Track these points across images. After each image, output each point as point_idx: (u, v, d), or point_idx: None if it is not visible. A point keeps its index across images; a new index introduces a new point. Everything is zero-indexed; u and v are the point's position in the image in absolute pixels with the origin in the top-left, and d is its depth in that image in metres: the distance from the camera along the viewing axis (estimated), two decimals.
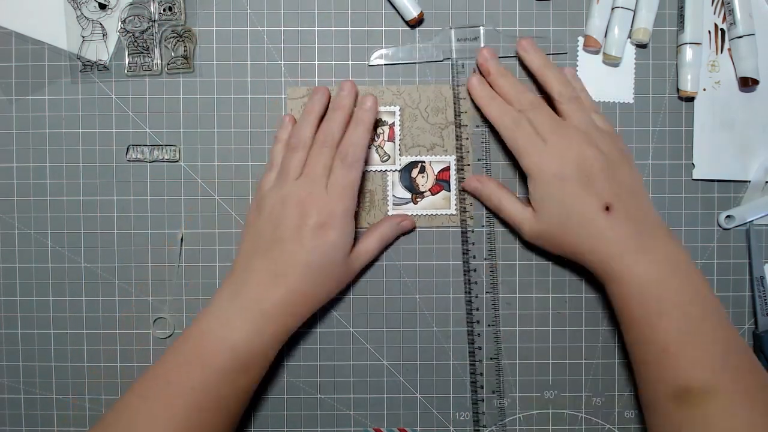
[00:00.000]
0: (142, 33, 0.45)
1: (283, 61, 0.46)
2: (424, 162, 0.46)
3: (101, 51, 0.46)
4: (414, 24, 0.46)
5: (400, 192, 0.47)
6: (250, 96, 0.46)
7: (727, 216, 0.46)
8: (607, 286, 0.42)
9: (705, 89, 0.46)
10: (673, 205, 0.47)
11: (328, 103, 0.44)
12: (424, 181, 0.47)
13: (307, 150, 0.42)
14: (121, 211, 0.46)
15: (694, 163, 0.46)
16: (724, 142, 0.46)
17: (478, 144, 0.46)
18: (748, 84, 0.45)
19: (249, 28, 0.46)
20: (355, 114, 0.43)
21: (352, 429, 0.47)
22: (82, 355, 0.47)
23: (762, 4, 0.45)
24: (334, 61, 0.46)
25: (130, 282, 0.47)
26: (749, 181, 0.46)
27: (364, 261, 0.44)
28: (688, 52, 0.45)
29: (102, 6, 0.45)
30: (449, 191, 0.46)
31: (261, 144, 0.46)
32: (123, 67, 0.46)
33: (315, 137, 0.42)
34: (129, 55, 0.46)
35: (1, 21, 0.45)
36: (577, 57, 0.46)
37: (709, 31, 0.46)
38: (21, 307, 0.47)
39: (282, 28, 0.46)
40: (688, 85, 0.45)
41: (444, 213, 0.47)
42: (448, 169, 0.46)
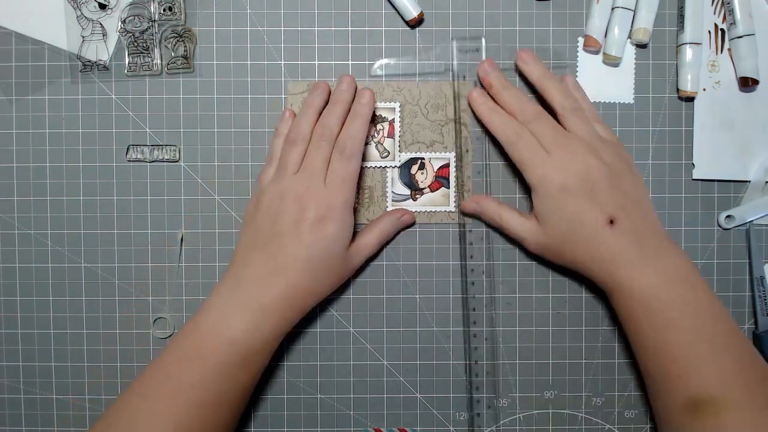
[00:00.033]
0: (142, 33, 0.45)
1: (283, 61, 0.46)
2: (423, 159, 0.46)
3: (101, 51, 0.46)
4: (414, 24, 0.46)
5: (400, 188, 0.47)
6: (250, 96, 0.46)
7: (727, 216, 0.46)
8: (611, 297, 0.42)
9: (705, 89, 0.46)
10: (673, 205, 0.47)
11: (328, 98, 0.44)
12: (424, 178, 0.47)
13: (306, 144, 0.42)
14: (121, 211, 0.46)
15: (694, 163, 0.46)
16: (724, 142, 0.46)
17: (478, 143, 0.46)
18: (748, 84, 0.45)
19: (249, 28, 0.46)
20: (353, 108, 0.43)
21: (352, 429, 0.47)
22: (82, 355, 0.47)
23: (762, 4, 0.45)
24: (334, 61, 0.46)
25: (130, 282, 0.47)
26: (749, 181, 0.46)
27: (365, 256, 0.44)
28: (688, 52, 0.45)
29: (102, 6, 0.45)
30: (448, 188, 0.46)
31: (261, 144, 0.46)
32: (123, 67, 0.46)
33: (314, 131, 0.42)
34: (129, 55, 0.46)
35: (1, 21, 0.46)
36: (577, 57, 0.46)
37: (709, 31, 0.46)
38: (21, 307, 0.47)
39: (282, 28, 0.46)
40: (688, 85, 0.45)
41: (443, 210, 0.46)
42: (447, 166, 0.46)
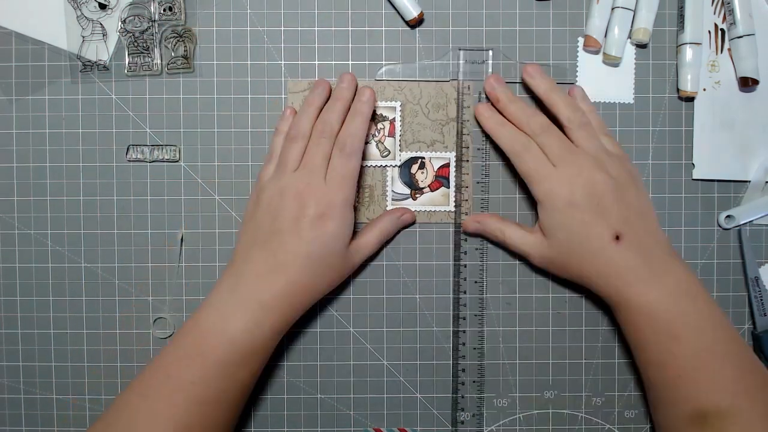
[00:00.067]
0: (142, 33, 0.45)
1: (283, 61, 0.46)
2: (424, 158, 0.46)
3: (101, 51, 0.46)
4: (414, 24, 0.46)
5: (400, 188, 0.47)
6: (250, 96, 0.46)
7: (727, 216, 0.46)
8: (617, 312, 0.42)
9: (705, 89, 0.46)
10: (673, 205, 0.47)
11: (328, 96, 0.44)
12: (424, 177, 0.47)
13: (306, 141, 0.42)
14: (121, 211, 0.46)
15: (694, 163, 0.46)
16: (724, 142, 0.46)
17: (479, 143, 0.46)
18: (748, 84, 0.45)
19: (249, 28, 0.46)
20: (353, 106, 0.43)
21: (352, 429, 0.47)
22: (82, 355, 0.47)
23: (762, 4, 0.45)
24: (334, 61, 0.46)
25: (130, 282, 0.47)
26: (749, 181, 0.46)
27: (365, 254, 0.44)
28: (688, 52, 0.45)
29: (102, 6, 0.45)
30: (448, 188, 0.46)
31: (261, 144, 0.46)
32: (123, 67, 0.46)
33: (314, 127, 0.42)
34: (129, 55, 0.46)
35: (1, 21, 0.46)
36: (577, 57, 0.46)
37: (709, 31, 0.46)
38: (21, 307, 0.47)
39: (282, 28, 0.46)
40: (688, 85, 0.45)
41: (443, 209, 0.46)
42: (447, 165, 0.46)
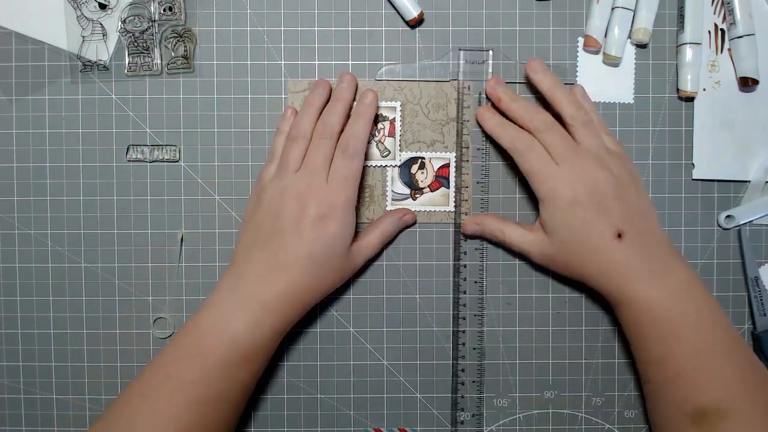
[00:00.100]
0: (142, 33, 0.45)
1: (283, 61, 0.46)
2: (424, 158, 0.46)
3: (101, 51, 0.46)
4: (414, 24, 0.46)
5: (400, 188, 0.47)
6: (250, 96, 0.46)
7: (727, 216, 0.46)
8: (617, 310, 0.42)
9: (705, 89, 0.46)
10: (673, 205, 0.47)
11: (329, 96, 0.44)
12: (424, 178, 0.47)
13: (307, 141, 0.42)
14: (121, 211, 0.46)
15: (694, 163, 0.46)
16: (724, 142, 0.46)
17: (479, 143, 0.46)
18: (748, 84, 0.45)
19: (249, 28, 0.46)
20: (356, 108, 0.43)
21: (352, 429, 0.47)
22: (82, 355, 0.47)
23: (762, 4, 0.45)
24: (334, 61, 0.46)
25: (130, 282, 0.47)
26: (749, 181, 0.46)
27: (366, 255, 0.44)
28: (688, 52, 0.45)
29: (102, 6, 0.45)
30: (448, 188, 0.46)
31: (261, 144, 0.46)
32: (123, 67, 0.46)
33: (315, 128, 0.42)
34: (129, 55, 0.46)
35: (1, 21, 0.46)
36: (577, 57, 0.46)
37: (709, 31, 0.46)
38: (21, 307, 0.47)
39: (282, 28, 0.46)
40: (688, 85, 0.45)
41: (442, 210, 0.46)
42: (447, 165, 0.46)
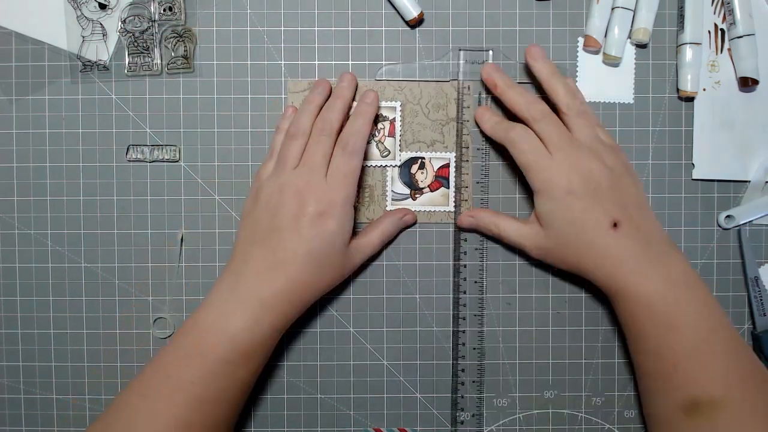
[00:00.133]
0: (142, 33, 0.45)
1: (283, 61, 0.46)
2: (423, 158, 0.46)
3: (101, 51, 0.46)
4: (414, 24, 0.46)
5: (399, 188, 0.47)
6: (250, 96, 0.46)
7: (727, 216, 0.46)
8: (614, 301, 0.42)
9: (705, 89, 0.46)
10: (673, 205, 0.47)
11: (329, 96, 0.44)
12: (424, 178, 0.47)
13: (306, 138, 0.42)
14: (121, 211, 0.46)
15: (694, 163, 0.46)
16: (724, 142, 0.46)
17: (479, 143, 0.46)
18: (748, 84, 0.45)
19: (249, 28, 0.46)
20: (357, 107, 0.43)
21: (352, 429, 0.47)
22: (82, 355, 0.47)
23: (762, 4, 0.45)
24: (334, 61, 0.46)
25: (130, 282, 0.47)
26: (749, 181, 0.46)
27: (366, 254, 0.44)
28: (688, 52, 0.45)
29: (102, 6, 0.45)
30: (448, 188, 0.46)
31: (261, 144, 0.46)
32: (123, 67, 0.46)
33: (314, 125, 0.42)
34: (129, 55, 0.46)
35: (1, 21, 0.46)
36: (577, 57, 0.46)
37: (709, 31, 0.46)
38: (21, 307, 0.47)
39: (282, 28, 0.46)
40: (688, 85, 0.45)
41: (442, 210, 0.46)
42: (447, 166, 0.46)
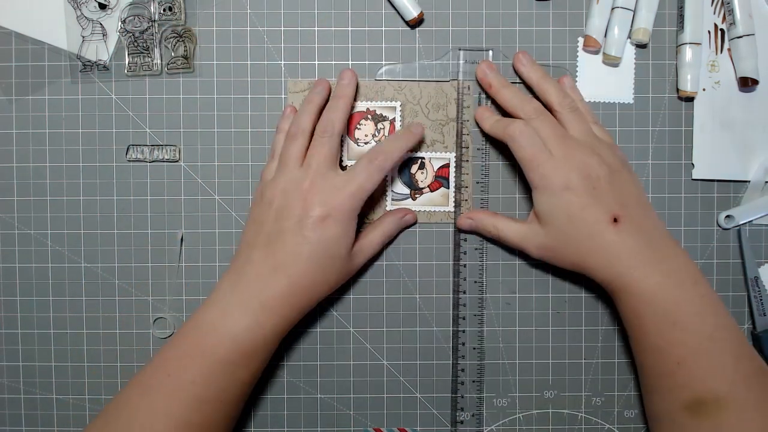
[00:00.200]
0: (142, 33, 0.45)
1: (283, 61, 0.46)
2: (423, 158, 0.46)
3: (101, 51, 0.46)
4: (414, 24, 0.46)
5: (400, 188, 0.47)
6: (250, 96, 0.46)
7: (727, 216, 0.46)
8: (616, 298, 0.41)
9: (705, 89, 0.46)
10: (673, 205, 0.47)
11: (329, 96, 0.44)
12: (424, 178, 0.47)
13: (306, 138, 0.42)
14: (121, 211, 0.46)
15: (693, 163, 0.46)
16: (724, 142, 0.46)
17: (479, 143, 0.46)
18: (747, 84, 0.45)
19: (249, 28, 0.46)
20: (405, 129, 0.44)
21: (352, 429, 0.47)
22: (82, 355, 0.47)
23: (762, 4, 0.45)
24: (334, 61, 0.46)
25: (130, 282, 0.47)
26: (749, 181, 0.46)
27: (368, 255, 0.44)
28: (688, 52, 0.45)
29: (102, 6, 0.45)
30: (448, 188, 0.46)
31: (261, 144, 0.46)
32: (123, 67, 0.46)
33: (317, 126, 0.42)
34: (129, 55, 0.46)
35: (1, 21, 0.46)
36: (577, 57, 0.46)
37: (708, 31, 0.46)
38: (21, 307, 0.47)
39: (282, 28, 0.46)
40: (687, 85, 0.45)
41: (442, 210, 0.46)
42: (447, 166, 0.46)
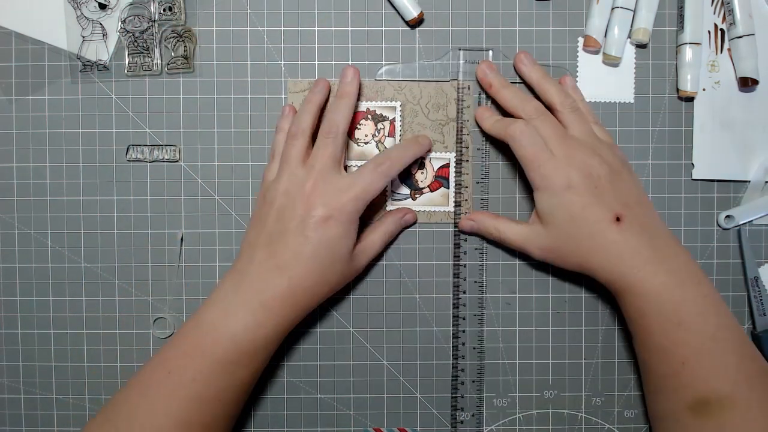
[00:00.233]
0: (142, 33, 0.45)
1: (283, 61, 0.46)
2: (423, 158, 0.46)
3: (101, 51, 0.46)
4: (414, 24, 0.46)
5: (400, 188, 0.47)
6: (250, 96, 0.46)
7: (727, 216, 0.46)
8: (620, 298, 0.41)
9: (705, 89, 0.46)
10: (673, 205, 0.47)
11: (328, 95, 0.44)
12: (423, 178, 0.47)
13: (306, 137, 0.42)
14: (121, 211, 0.46)
15: (693, 163, 0.46)
16: (724, 142, 0.46)
17: (479, 143, 0.46)
18: (747, 84, 0.45)
19: (249, 28, 0.46)
20: (413, 139, 0.44)
21: (352, 429, 0.47)
22: (82, 355, 0.47)
23: (762, 4, 0.45)
24: (334, 61, 0.46)
25: (130, 282, 0.47)
26: (749, 181, 0.46)
27: (370, 256, 0.44)
28: (688, 52, 0.45)
29: (102, 6, 0.45)
30: (448, 188, 0.46)
31: (261, 144, 0.46)
32: (123, 67, 0.46)
33: (321, 127, 0.42)
34: (129, 55, 0.46)
35: (1, 21, 0.46)
36: (577, 57, 0.46)
37: (708, 31, 0.46)
38: (21, 307, 0.47)
39: (282, 28, 0.46)
40: (687, 85, 0.45)
41: (442, 210, 0.46)
42: (447, 166, 0.46)
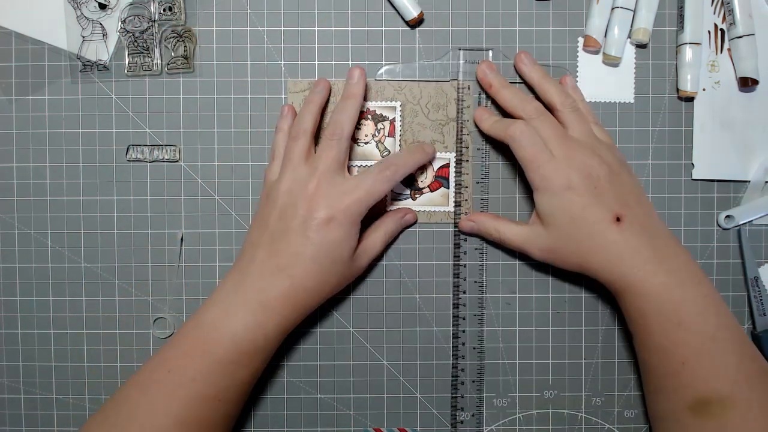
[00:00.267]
0: (142, 33, 0.45)
1: (283, 61, 0.46)
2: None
3: (101, 51, 0.46)
4: (414, 24, 0.46)
5: (400, 188, 0.47)
6: (250, 96, 0.46)
7: (727, 216, 0.46)
8: (620, 298, 0.41)
9: (705, 89, 0.46)
10: (673, 205, 0.47)
11: (329, 95, 0.44)
12: (424, 178, 0.47)
13: (308, 138, 0.42)
14: (121, 211, 0.46)
15: (693, 163, 0.46)
16: (724, 142, 0.46)
17: (479, 143, 0.46)
18: (747, 84, 0.45)
19: (249, 28, 0.46)
20: (418, 146, 0.44)
21: (352, 429, 0.47)
22: (82, 355, 0.47)
23: (762, 4, 0.46)
24: (334, 61, 0.46)
25: (130, 282, 0.47)
26: (749, 181, 0.46)
27: (371, 257, 0.44)
28: (688, 52, 0.45)
29: (102, 6, 0.45)
30: (448, 188, 0.46)
31: (261, 144, 0.46)
32: (123, 67, 0.46)
33: (326, 127, 0.42)
34: (129, 55, 0.46)
35: (1, 21, 0.46)
36: (577, 57, 0.46)
37: (708, 31, 0.46)
38: (21, 307, 0.47)
39: (282, 28, 0.46)
40: (687, 85, 0.45)
41: (442, 210, 0.46)
42: (447, 166, 0.46)
